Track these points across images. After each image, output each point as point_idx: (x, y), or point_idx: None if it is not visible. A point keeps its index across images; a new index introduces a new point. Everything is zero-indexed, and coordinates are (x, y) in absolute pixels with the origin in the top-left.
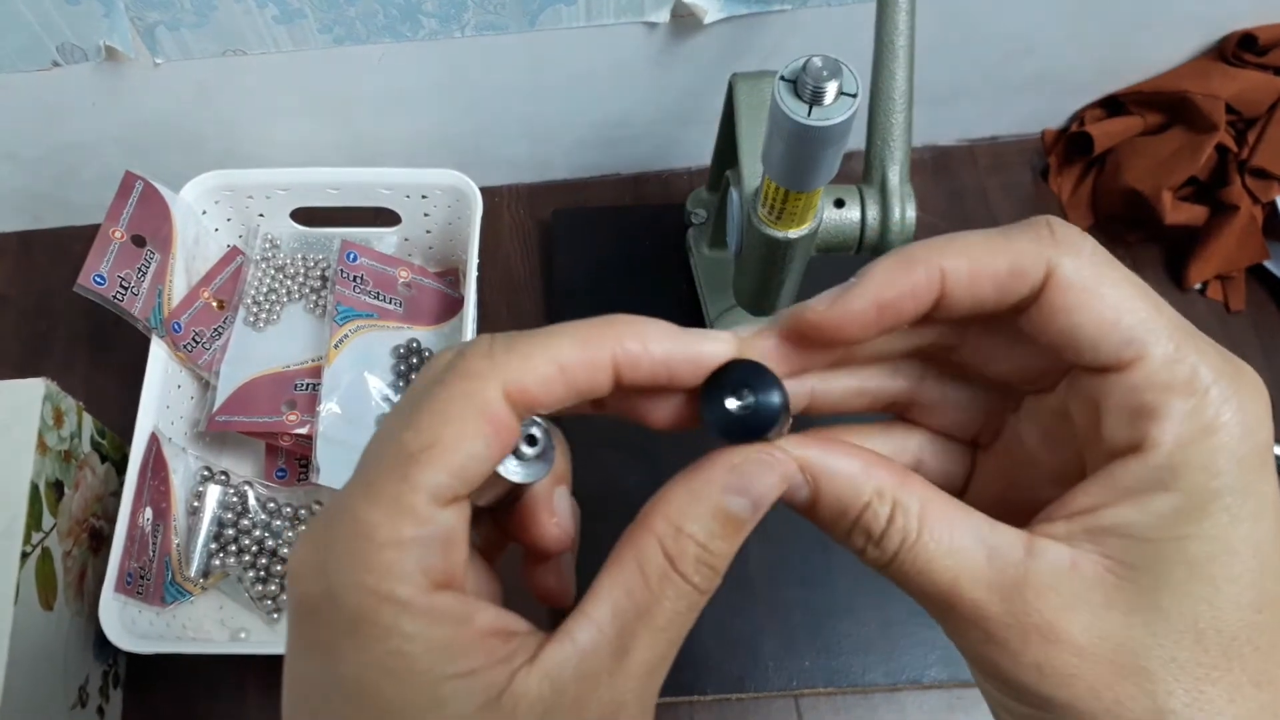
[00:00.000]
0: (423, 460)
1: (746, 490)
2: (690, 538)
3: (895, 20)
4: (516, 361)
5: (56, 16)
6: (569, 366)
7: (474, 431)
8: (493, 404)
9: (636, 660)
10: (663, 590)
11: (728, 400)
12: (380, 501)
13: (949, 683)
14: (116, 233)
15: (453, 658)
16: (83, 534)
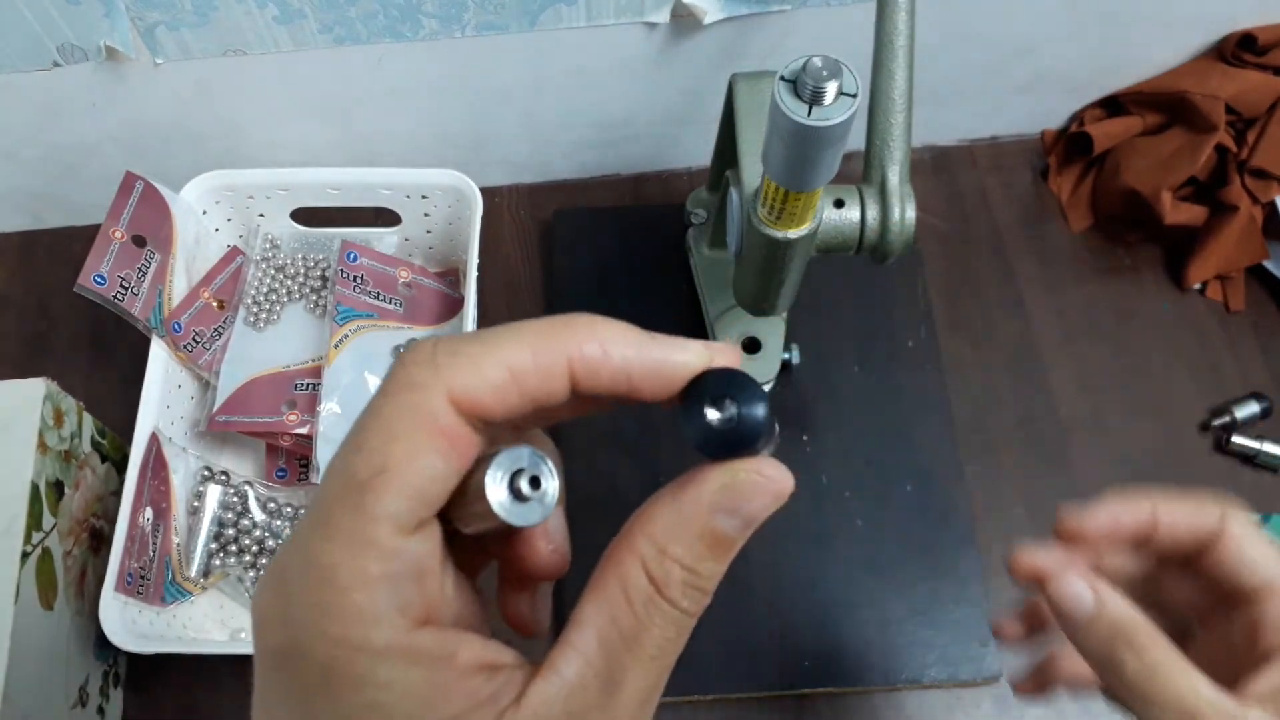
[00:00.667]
0: (376, 487)
1: (738, 511)
2: (676, 561)
3: (895, 20)
4: (463, 367)
5: (57, 16)
6: (521, 372)
7: (426, 448)
8: (440, 416)
9: (628, 692)
10: (649, 617)
11: (708, 412)
12: (338, 538)
13: (948, 683)
14: (117, 233)
15: (433, 705)
16: (83, 534)
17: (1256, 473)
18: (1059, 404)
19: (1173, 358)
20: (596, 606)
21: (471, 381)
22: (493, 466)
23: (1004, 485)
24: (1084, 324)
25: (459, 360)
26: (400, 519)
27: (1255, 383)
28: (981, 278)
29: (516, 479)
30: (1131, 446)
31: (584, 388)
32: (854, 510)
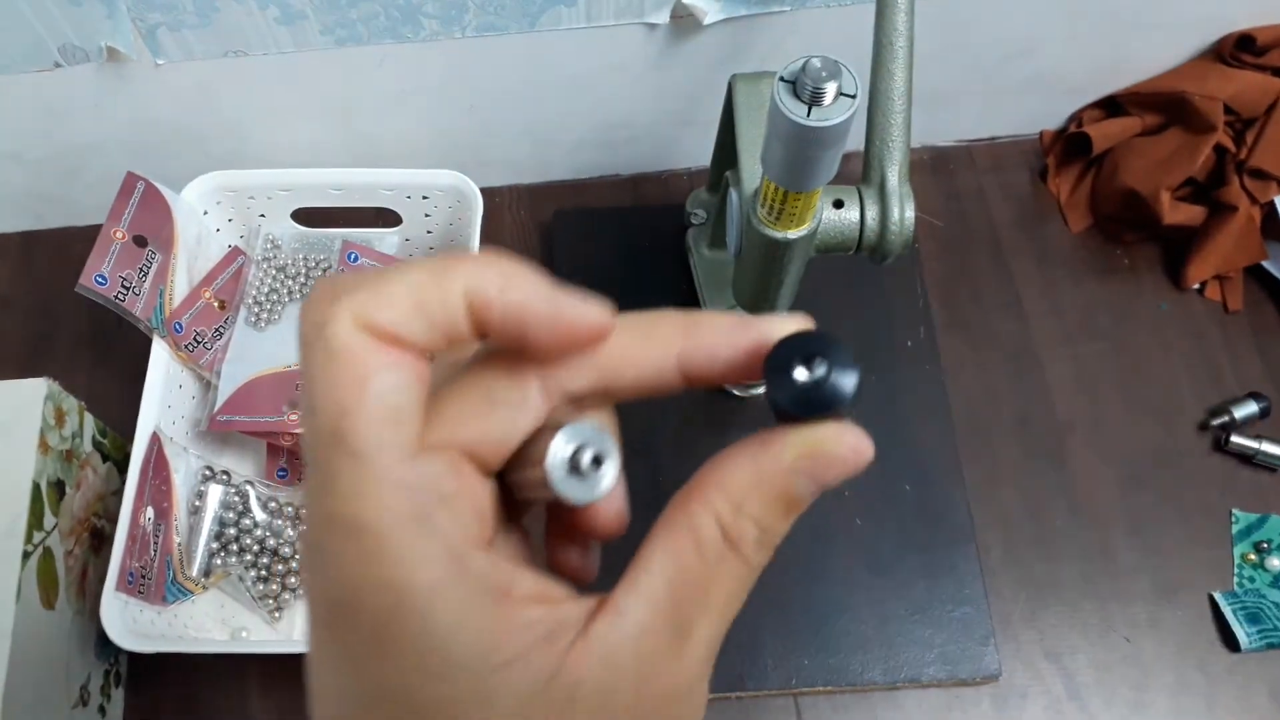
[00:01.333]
0: (349, 428)
1: (817, 477)
2: (752, 519)
3: (894, 21)
4: (364, 293)
5: (59, 17)
6: (421, 287)
7: (370, 372)
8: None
9: (697, 640)
10: (721, 569)
11: (798, 370)
12: (345, 490)
13: (947, 681)
14: (118, 233)
15: (495, 643)
16: (84, 533)
17: (1255, 472)
18: (1057, 403)
19: (1171, 357)
20: (665, 553)
21: (371, 306)
22: (556, 437)
23: (1002, 484)
24: (1082, 324)
25: (360, 287)
26: (394, 445)
27: (1253, 382)
28: (980, 278)
29: (579, 454)
30: (1130, 446)
31: (478, 313)
32: (853, 509)
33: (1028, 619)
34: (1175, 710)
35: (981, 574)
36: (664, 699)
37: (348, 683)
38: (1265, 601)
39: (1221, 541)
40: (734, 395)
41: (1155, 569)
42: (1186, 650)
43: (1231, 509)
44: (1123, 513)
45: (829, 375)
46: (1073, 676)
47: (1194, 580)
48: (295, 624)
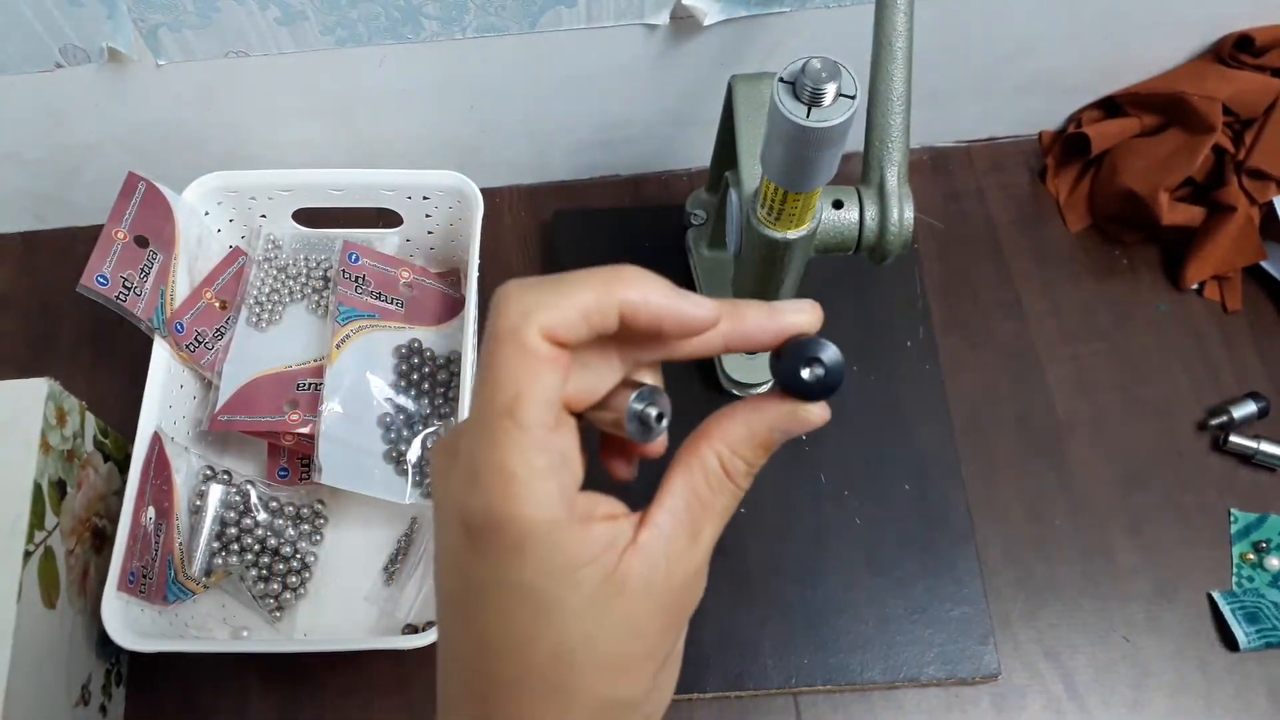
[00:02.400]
0: (521, 406)
1: (789, 432)
2: (742, 458)
3: (893, 22)
4: (547, 311)
5: (59, 18)
6: (587, 312)
7: (542, 374)
8: (538, 348)
9: (704, 539)
10: (720, 490)
11: (803, 371)
12: (508, 447)
13: (947, 680)
14: (119, 233)
15: (580, 552)
16: (85, 533)
17: (1254, 472)
18: (1056, 403)
19: (1170, 358)
20: (682, 481)
21: (553, 320)
22: (635, 398)
23: (1001, 484)
24: (1081, 324)
25: (541, 306)
26: (546, 423)
27: (1252, 382)
28: (979, 278)
29: (646, 409)
30: (1129, 446)
31: (628, 324)
32: (852, 509)
33: (1027, 618)
34: (1174, 709)
35: (981, 573)
36: (683, 580)
37: (490, 575)
38: (1264, 601)
39: (1220, 541)
40: (734, 395)
41: (1154, 568)
42: (1185, 649)
43: (1230, 508)
44: (1122, 512)
45: (825, 377)
46: (1072, 676)
47: (1193, 580)
48: (296, 623)
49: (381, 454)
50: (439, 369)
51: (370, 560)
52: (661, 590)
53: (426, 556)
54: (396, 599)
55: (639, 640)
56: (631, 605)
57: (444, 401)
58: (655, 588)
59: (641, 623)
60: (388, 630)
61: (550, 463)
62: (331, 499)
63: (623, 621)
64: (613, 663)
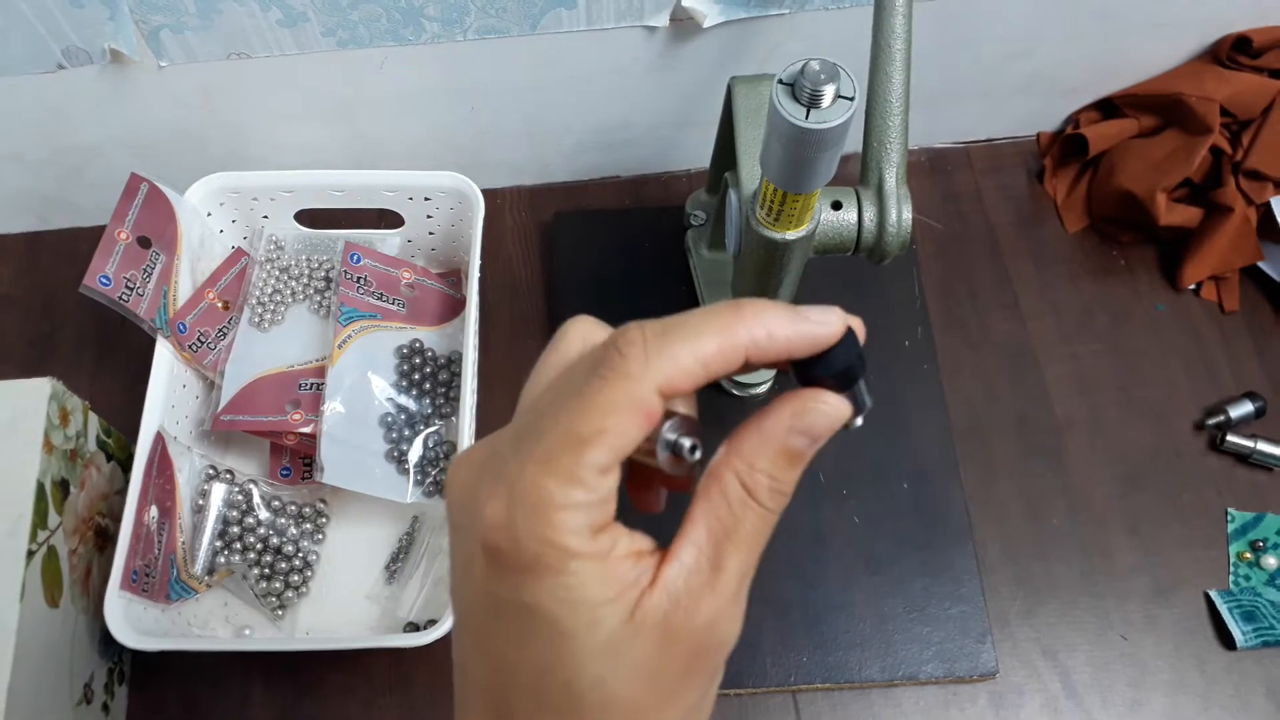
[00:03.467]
0: (593, 444)
1: (806, 431)
2: (762, 472)
3: (892, 24)
4: (668, 363)
5: (61, 20)
6: (710, 361)
7: (634, 424)
8: (648, 400)
9: (729, 570)
10: (744, 514)
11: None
12: (559, 475)
13: (945, 679)
14: (122, 234)
15: (600, 586)
16: (88, 532)
17: (1251, 472)
18: (1054, 403)
19: (1168, 358)
20: (704, 509)
21: (673, 374)
22: (668, 427)
23: (999, 484)
24: (1079, 324)
25: (664, 358)
26: (603, 466)
27: (1249, 383)
28: (977, 278)
29: (679, 441)
30: (1126, 446)
31: (754, 361)
32: (851, 508)
33: (1025, 617)
34: (1171, 708)
35: (979, 572)
36: (708, 617)
37: (506, 594)
38: (1261, 600)
39: (1217, 540)
40: (733, 394)
41: (1152, 567)
42: (1183, 648)
43: (1227, 508)
44: (1119, 512)
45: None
46: (1069, 674)
47: (1190, 579)
48: (298, 622)
49: (383, 453)
50: (440, 369)
51: (372, 559)
52: (682, 629)
53: (428, 555)
54: (398, 597)
55: (657, 686)
56: (649, 647)
57: (445, 401)
58: (675, 627)
59: (660, 666)
60: (389, 629)
61: (588, 500)
62: (333, 498)
63: (640, 665)
64: (627, 709)
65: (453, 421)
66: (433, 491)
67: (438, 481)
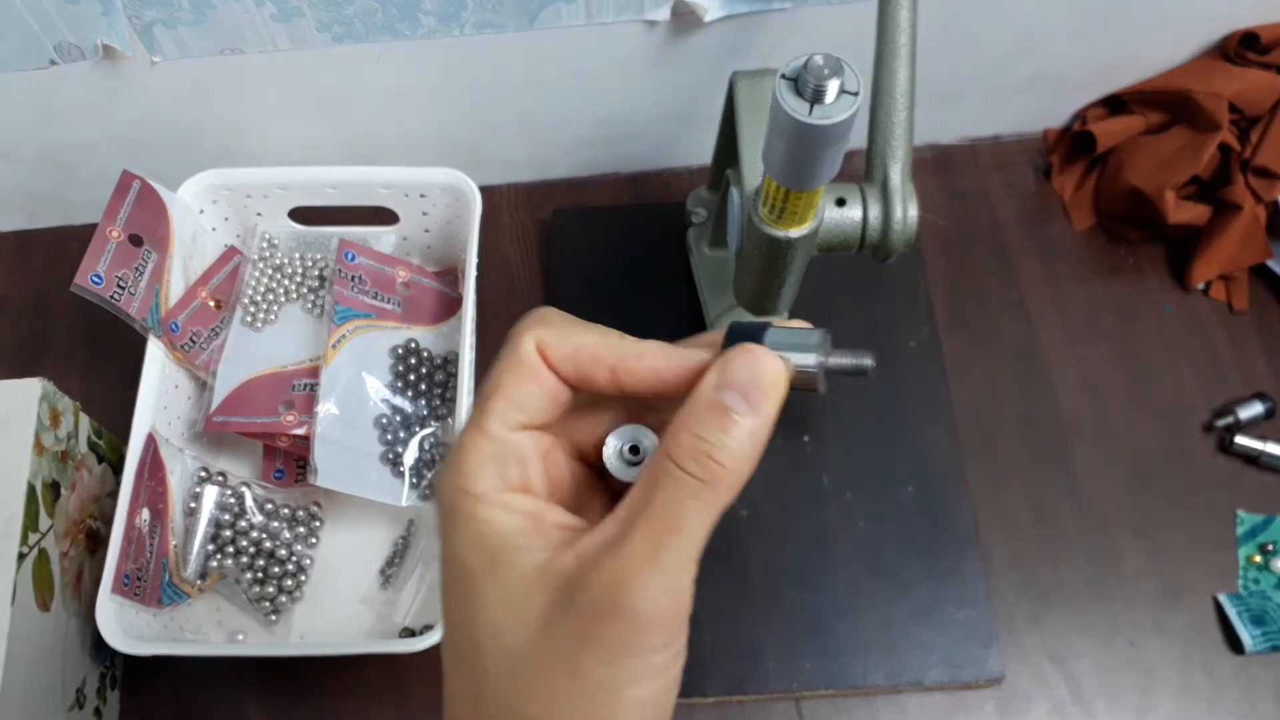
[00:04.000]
0: (491, 397)
1: (731, 384)
2: (687, 432)
3: (897, 18)
4: (548, 333)
5: (54, 15)
6: (581, 343)
7: (523, 376)
8: (527, 355)
9: (633, 540)
10: (661, 481)
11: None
12: (470, 428)
13: (951, 685)
14: (114, 232)
15: (522, 537)
16: (80, 535)
17: (1260, 474)
18: (1061, 404)
19: (1176, 358)
20: (635, 486)
21: (548, 338)
22: (613, 434)
23: (1006, 486)
24: (1086, 324)
25: (542, 325)
26: (505, 418)
27: (1259, 383)
28: (983, 277)
29: (625, 446)
30: (1134, 447)
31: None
32: (855, 511)
33: (1031, 622)
34: (1180, 713)
35: (985, 576)
36: (609, 578)
37: (441, 546)
38: (1270, 604)
39: (1226, 543)
40: None
41: (1160, 571)
42: (1191, 653)
43: (1236, 510)
44: (1127, 515)
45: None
46: (1077, 680)
47: (1199, 583)
48: (292, 626)
49: (378, 455)
50: (436, 369)
51: (367, 563)
52: (581, 589)
53: (423, 559)
54: (393, 602)
55: (552, 646)
56: (546, 602)
57: (441, 402)
58: (575, 587)
59: (556, 625)
60: (384, 634)
61: (495, 452)
62: (327, 501)
63: (536, 619)
64: (523, 667)
65: (449, 423)
66: (428, 494)
67: (433, 484)
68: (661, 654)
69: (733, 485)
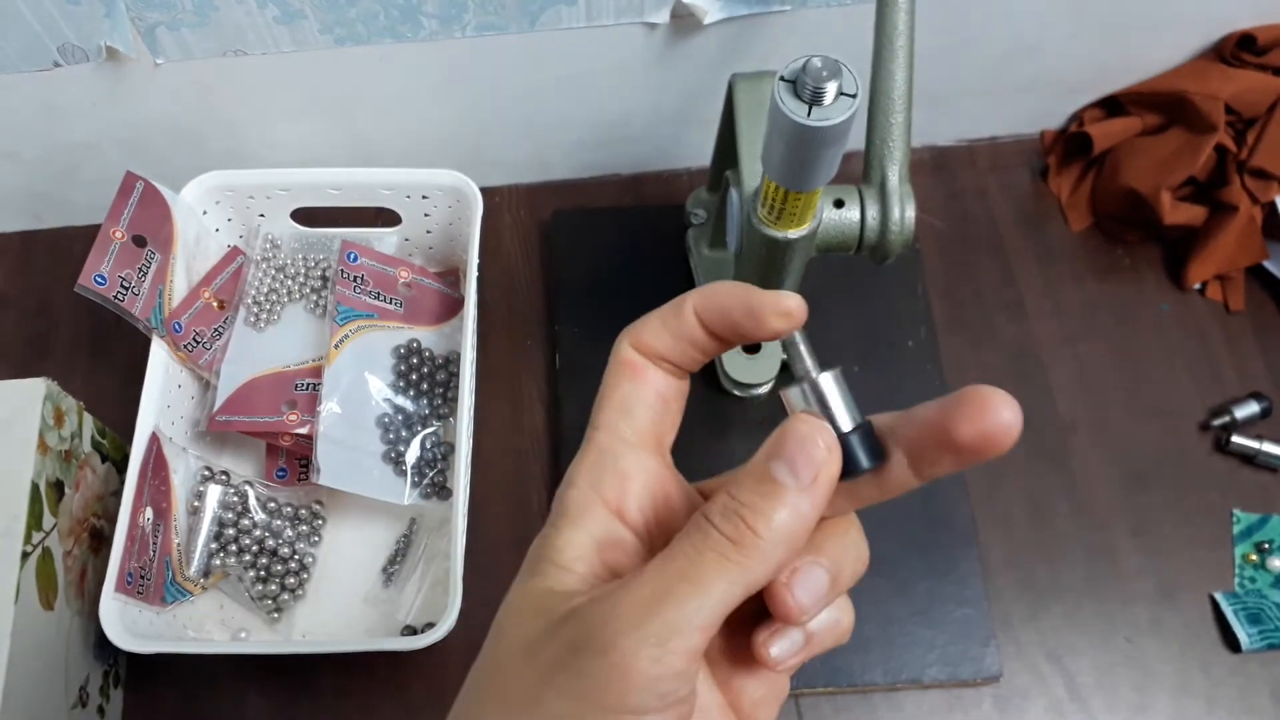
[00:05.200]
0: (600, 408)
1: (779, 454)
2: (727, 493)
3: (895, 20)
4: (637, 329)
5: (58, 17)
6: (666, 317)
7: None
8: (628, 355)
9: (642, 582)
10: (689, 532)
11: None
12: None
13: (948, 682)
14: (117, 233)
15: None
16: (83, 534)
17: (1256, 473)
18: (1059, 404)
19: (1172, 358)
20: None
21: (643, 331)
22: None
23: (1004, 485)
24: (1084, 324)
25: (638, 326)
26: (613, 427)
27: (1255, 383)
28: (981, 278)
29: None
30: (1131, 446)
31: (706, 323)
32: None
33: (1029, 620)
34: (1177, 711)
35: (983, 575)
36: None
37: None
38: (1266, 602)
39: (1223, 542)
40: (734, 395)
41: (1156, 570)
42: (1188, 651)
43: (1232, 509)
44: (1124, 513)
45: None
46: (1074, 678)
47: (1195, 581)
48: (294, 624)
49: (380, 454)
50: (438, 369)
51: (369, 561)
52: (568, 631)
53: (425, 557)
54: (395, 600)
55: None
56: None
57: (443, 402)
58: (566, 624)
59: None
60: (386, 632)
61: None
62: (330, 500)
63: (521, 641)
64: (487, 682)
65: (450, 422)
66: (430, 493)
67: (435, 483)
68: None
69: (765, 559)
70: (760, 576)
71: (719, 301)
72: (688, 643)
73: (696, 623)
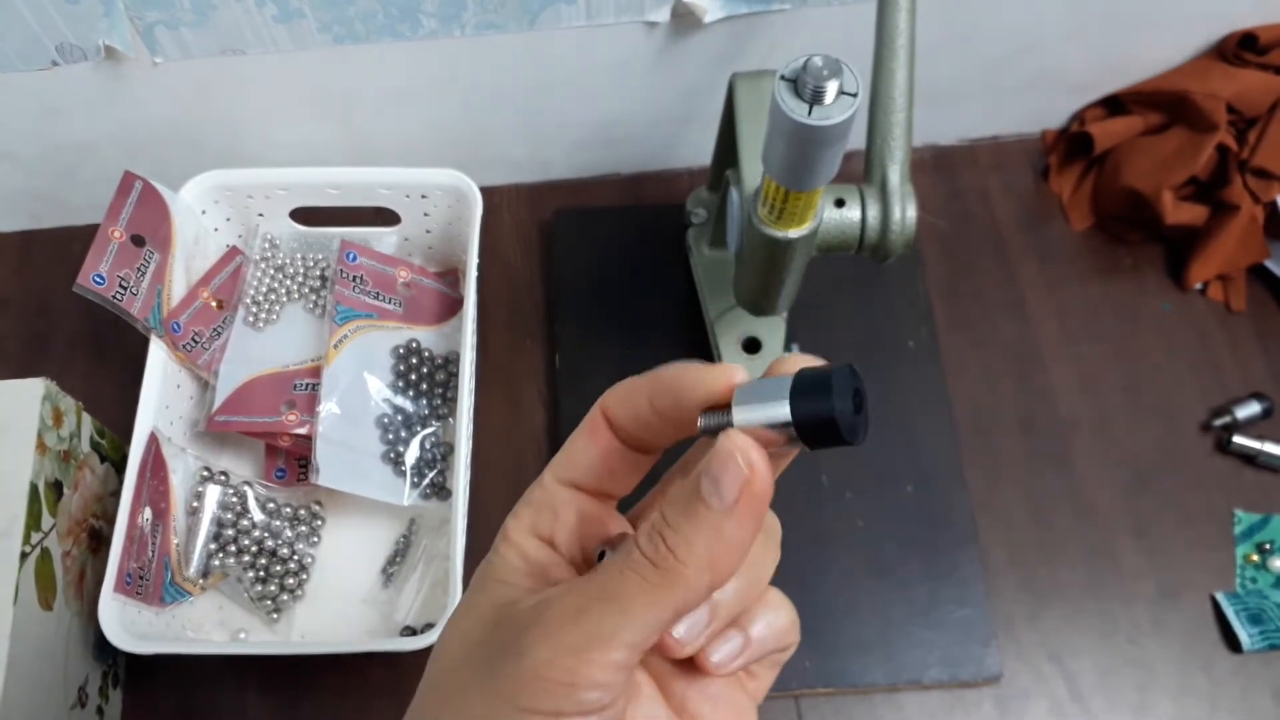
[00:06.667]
0: (559, 453)
1: (709, 474)
2: (658, 511)
3: (896, 19)
4: (613, 393)
5: (56, 16)
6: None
7: (583, 437)
8: (593, 417)
9: (568, 595)
10: (620, 548)
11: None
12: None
13: (949, 683)
14: (116, 232)
15: (513, 575)
16: (82, 534)
17: (1258, 473)
18: (1060, 404)
19: (1174, 358)
20: None
21: (611, 398)
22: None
23: (1005, 486)
24: (1085, 324)
25: (616, 390)
26: (557, 470)
27: (1256, 383)
28: (982, 277)
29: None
30: (1133, 447)
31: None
32: (855, 511)
33: (1030, 621)
34: (1178, 712)
35: (984, 575)
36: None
37: None
38: (1267, 602)
39: (1224, 542)
40: None
41: (1158, 570)
42: (1189, 652)
43: (1234, 510)
44: (1126, 514)
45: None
46: (1075, 678)
47: (1196, 581)
48: (294, 625)
49: (379, 455)
50: (437, 369)
51: (368, 562)
52: (499, 636)
53: (425, 558)
54: (394, 601)
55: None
56: (481, 637)
57: (442, 402)
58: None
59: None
60: (386, 632)
61: (539, 499)
62: (329, 500)
63: (462, 649)
64: (428, 686)
65: (450, 422)
66: (429, 494)
67: (434, 483)
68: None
69: (688, 585)
70: (688, 600)
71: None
72: (607, 656)
73: (622, 639)
